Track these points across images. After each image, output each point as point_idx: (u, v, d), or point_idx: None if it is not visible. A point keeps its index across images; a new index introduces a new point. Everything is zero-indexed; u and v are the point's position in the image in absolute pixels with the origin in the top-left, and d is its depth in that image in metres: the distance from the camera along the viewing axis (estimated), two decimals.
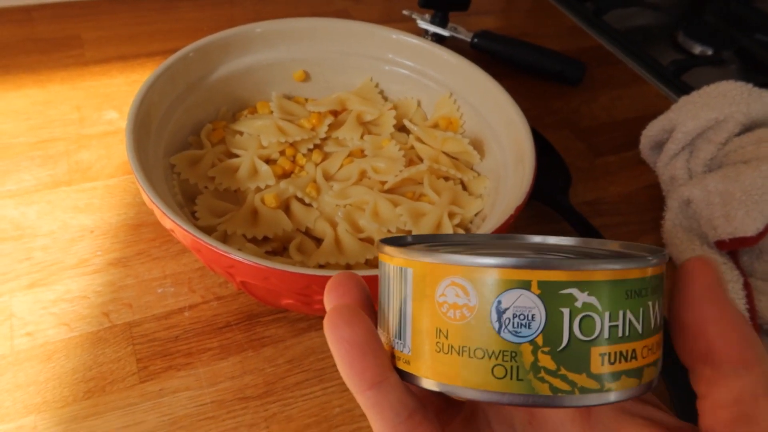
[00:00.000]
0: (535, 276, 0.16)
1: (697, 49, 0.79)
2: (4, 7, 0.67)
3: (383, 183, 0.43)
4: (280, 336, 0.42)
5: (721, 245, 0.48)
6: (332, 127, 0.47)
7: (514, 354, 0.16)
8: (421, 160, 0.45)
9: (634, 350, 0.17)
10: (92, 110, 0.55)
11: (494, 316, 0.16)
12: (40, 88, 0.57)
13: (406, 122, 0.47)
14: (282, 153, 0.44)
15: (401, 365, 0.19)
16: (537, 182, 0.44)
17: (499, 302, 0.16)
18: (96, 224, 0.46)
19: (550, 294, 0.16)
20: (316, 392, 0.39)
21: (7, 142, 0.51)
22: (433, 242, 0.23)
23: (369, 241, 0.40)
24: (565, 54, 0.69)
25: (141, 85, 0.40)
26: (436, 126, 0.48)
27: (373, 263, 0.39)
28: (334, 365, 0.40)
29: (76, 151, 0.52)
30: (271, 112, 0.47)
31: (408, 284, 0.18)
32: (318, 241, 0.41)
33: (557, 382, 0.16)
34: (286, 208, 0.42)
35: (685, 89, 0.69)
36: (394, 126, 0.48)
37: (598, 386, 0.17)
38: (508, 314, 0.16)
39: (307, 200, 0.42)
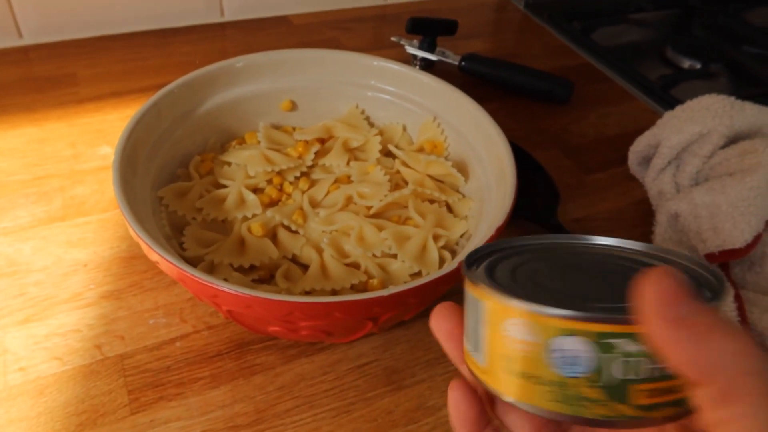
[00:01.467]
0: (589, 327, 0.19)
1: (686, 63, 0.80)
2: (4, 48, 0.69)
3: (369, 208, 0.43)
4: (271, 363, 0.42)
5: (711, 258, 0.48)
6: (319, 154, 0.48)
7: (562, 384, 0.19)
8: (407, 182, 0.46)
9: (674, 386, 0.19)
10: (86, 146, 0.57)
11: (547, 354, 0.20)
12: (36, 126, 0.58)
13: (391, 147, 0.48)
14: (269, 182, 0.45)
15: (476, 371, 0.22)
16: (525, 201, 0.45)
17: (553, 343, 0.19)
18: (89, 258, 0.47)
19: (602, 342, 0.19)
20: (307, 419, 0.39)
21: (3, 180, 0.52)
22: (509, 251, 0.26)
23: (355, 265, 0.41)
24: (554, 73, 0.70)
25: (134, 113, 0.41)
26: (421, 150, 0.49)
27: (359, 288, 0.39)
28: (324, 391, 0.40)
29: (70, 186, 0.53)
30: (259, 142, 0.48)
31: (482, 313, 0.21)
32: (305, 267, 0.41)
33: (601, 410, 0.19)
34: (273, 236, 0.42)
35: (673, 104, 0.69)
36: (381, 151, 0.48)
37: (640, 415, 0.19)
38: (559, 354, 0.19)
39: (293, 227, 0.42)
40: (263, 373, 0.41)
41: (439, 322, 0.25)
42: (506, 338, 0.20)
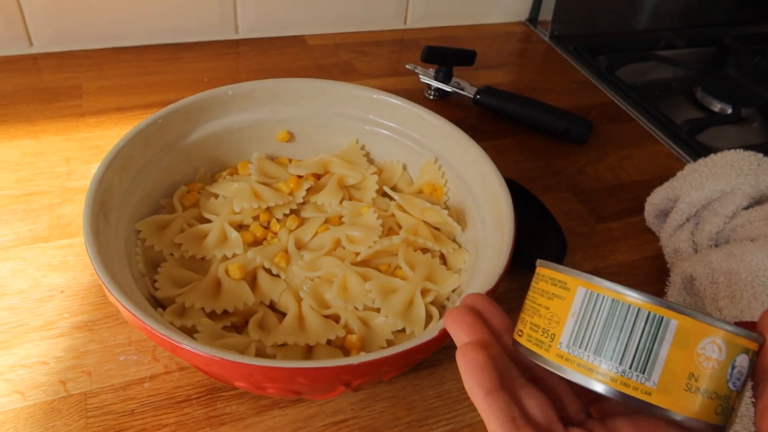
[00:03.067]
0: (754, 346, 0.23)
1: (717, 106, 0.76)
2: (14, 56, 0.68)
3: (357, 254, 0.41)
4: (241, 413, 0.39)
5: None
6: (312, 190, 0.46)
7: (727, 398, 0.22)
8: (401, 227, 0.43)
9: None
10: (81, 163, 0.55)
11: (729, 371, 0.22)
12: (34, 138, 0.57)
13: (387, 189, 0.45)
14: (256, 218, 0.43)
15: (631, 392, 0.22)
16: (528, 249, 0.42)
17: (735, 361, 0.22)
18: (67, 284, 0.45)
19: (751, 358, 0.23)
20: None
21: None
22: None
23: (335, 318, 0.38)
24: (573, 110, 0.67)
25: (111, 147, 0.40)
26: (420, 192, 0.46)
27: (336, 344, 0.37)
28: None
29: (59, 205, 0.51)
30: (251, 173, 0.46)
31: (667, 332, 0.22)
32: (282, 315, 0.39)
33: (731, 418, 0.23)
34: (252, 278, 0.40)
35: (699, 150, 0.66)
36: (377, 191, 0.46)
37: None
38: (736, 370, 0.22)
39: (274, 271, 0.40)
40: (232, 425, 0.39)
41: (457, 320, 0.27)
42: (698, 357, 0.22)
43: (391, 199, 0.46)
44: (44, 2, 0.65)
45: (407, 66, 0.70)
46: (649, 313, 0.22)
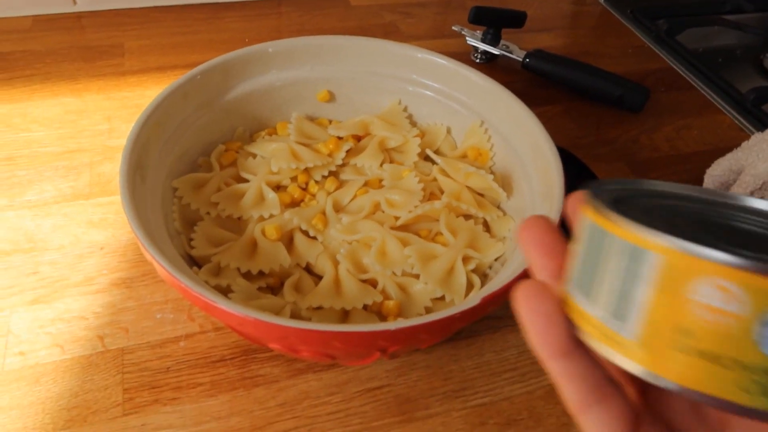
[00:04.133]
0: None
1: None
2: (58, 14, 0.68)
3: (396, 218, 0.39)
4: (275, 376, 0.39)
5: None
6: (352, 152, 0.44)
7: (763, 369, 0.15)
8: (443, 192, 0.41)
9: None
10: (122, 121, 0.55)
11: (760, 330, 0.15)
12: (76, 96, 0.57)
13: (430, 152, 0.43)
14: (293, 179, 0.42)
15: (611, 345, 0.17)
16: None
17: (766, 314, 0.15)
18: (107, 241, 0.45)
19: None
20: None
21: (35, 150, 0.52)
22: (641, 193, 0.20)
23: (372, 282, 0.37)
24: (629, 77, 0.63)
25: (149, 102, 0.39)
26: (464, 156, 0.44)
27: (373, 309, 0.36)
28: (328, 414, 0.37)
29: (99, 163, 0.51)
30: (290, 134, 0.44)
31: (647, 269, 0.16)
32: (318, 278, 0.38)
33: None
34: (289, 240, 0.39)
35: (765, 120, 0.62)
36: (419, 155, 0.44)
37: None
38: None
39: (311, 233, 0.39)
40: (266, 386, 0.38)
41: (533, 233, 0.20)
42: (690, 304, 0.15)
43: (434, 163, 0.44)
44: None
45: (453, 28, 0.67)
46: (622, 241, 0.17)
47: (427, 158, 0.45)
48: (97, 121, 0.55)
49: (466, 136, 0.45)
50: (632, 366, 0.16)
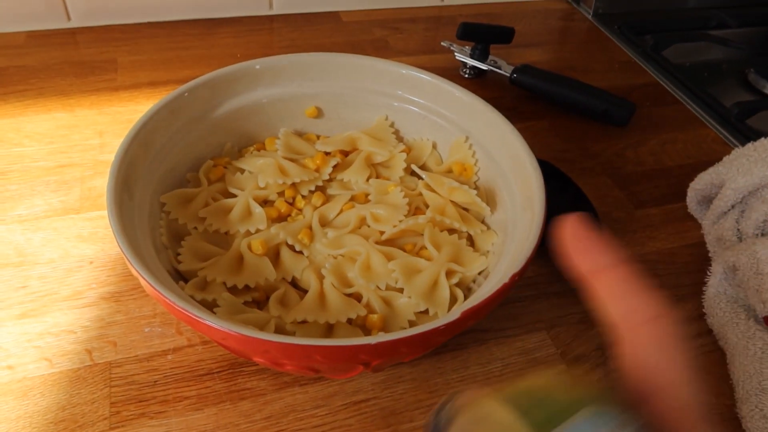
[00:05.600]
0: None
1: None
2: (52, 29, 0.69)
3: (381, 233, 0.40)
4: (262, 389, 0.39)
5: None
6: (339, 167, 0.45)
7: None
8: (428, 207, 0.42)
9: None
10: (114, 136, 0.56)
11: None
12: (68, 112, 0.58)
13: (415, 168, 0.44)
14: (281, 194, 0.42)
15: None
16: None
17: None
18: (96, 255, 0.46)
19: None
20: None
21: (27, 165, 0.52)
22: None
23: (357, 296, 0.37)
24: (615, 92, 0.64)
25: (138, 118, 0.39)
26: (450, 171, 0.45)
27: (357, 323, 0.36)
28: (314, 427, 0.37)
29: (90, 177, 0.52)
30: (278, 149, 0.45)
31: None
32: (304, 292, 0.38)
33: None
34: (275, 254, 0.39)
35: (749, 135, 0.63)
36: (405, 170, 0.45)
37: None
38: None
39: (297, 247, 0.39)
40: (252, 399, 0.39)
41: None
42: None
43: (420, 178, 0.44)
44: None
45: (443, 43, 0.68)
46: None
47: (413, 173, 0.46)
48: (89, 135, 0.56)
49: (451, 151, 0.46)
50: None
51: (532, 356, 0.42)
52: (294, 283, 0.39)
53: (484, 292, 0.32)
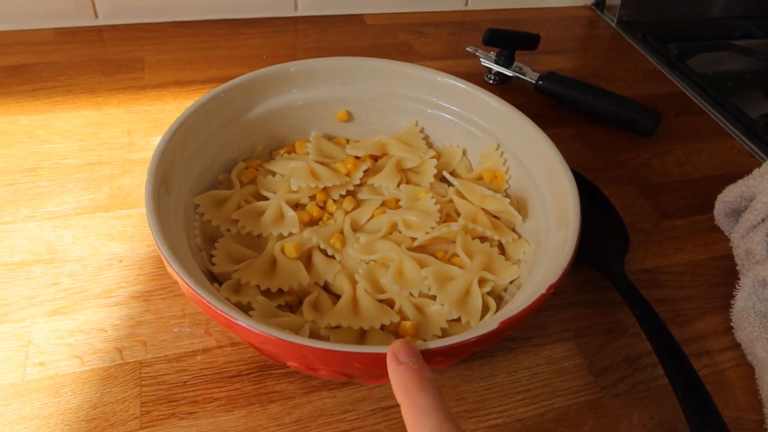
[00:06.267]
0: None
1: None
2: (80, 27, 0.69)
3: (413, 239, 0.40)
4: (291, 392, 0.39)
5: None
6: (369, 172, 0.45)
7: None
8: (459, 214, 0.42)
9: None
10: (141, 135, 0.56)
11: None
12: (97, 109, 0.58)
13: (446, 174, 0.44)
14: (312, 198, 0.43)
15: None
16: (589, 245, 0.40)
17: None
18: (125, 253, 0.46)
19: None
20: None
21: (57, 162, 0.52)
22: None
23: (389, 302, 0.37)
24: (640, 101, 0.64)
25: (175, 119, 0.40)
26: (480, 179, 0.45)
27: (390, 329, 0.36)
28: (342, 431, 0.37)
29: (119, 176, 0.52)
30: (308, 153, 0.45)
31: None
32: (336, 297, 0.38)
33: None
34: (307, 258, 0.39)
35: None
36: (435, 176, 0.45)
37: None
38: None
39: (330, 252, 0.39)
40: (281, 402, 0.39)
41: None
42: None
43: (450, 184, 0.45)
44: None
45: (468, 49, 0.68)
46: None
47: (442, 179, 0.46)
48: (117, 134, 0.56)
49: (482, 158, 0.46)
50: None
51: (559, 366, 0.42)
52: (326, 288, 0.39)
53: (520, 302, 0.32)
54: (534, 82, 0.65)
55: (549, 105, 0.66)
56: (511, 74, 0.66)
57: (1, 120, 0.56)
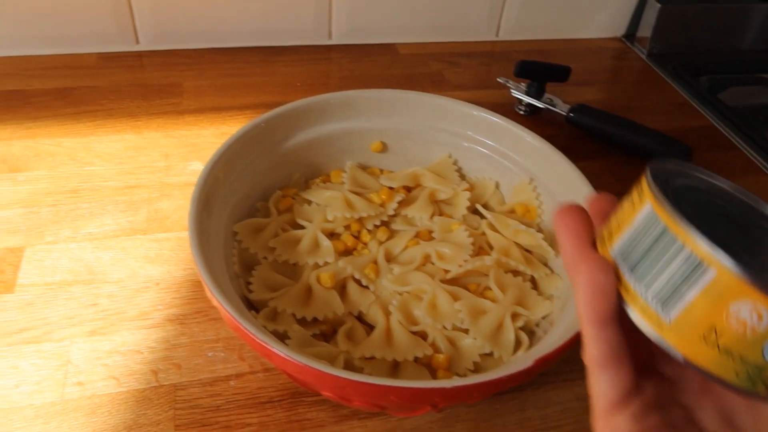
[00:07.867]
0: None
1: None
2: (121, 52, 0.72)
3: (446, 271, 0.40)
4: (321, 420, 0.40)
5: None
6: (403, 203, 0.46)
7: (759, 367, 0.20)
8: (492, 247, 0.42)
9: None
10: (179, 159, 0.57)
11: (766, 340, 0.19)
12: (136, 133, 0.60)
13: (479, 207, 0.44)
14: (347, 227, 0.43)
15: (647, 319, 0.21)
16: None
17: None
18: (162, 276, 0.47)
19: None
20: None
21: (97, 184, 0.54)
22: (696, 186, 0.24)
23: (422, 334, 0.38)
24: (671, 134, 0.64)
25: (219, 147, 0.41)
26: (512, 212, 0.45)
27: (423, 362, 0.36)
28: None
29: (157, 199, 0.53)
30: (343, 182, 0.46)
31: (702, 278, 0.20)
32: (370, 327, 0.39)
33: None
34: (342, 288, 0.40)
35: None
36: (468, 208, 0.45)
37: None
38: None
39: (364, 282, 0.40)
40: (312, 430, 0.39)
41: (567, 220, 0.25)
42: (727, 314, 0.20)
43: (482, 217, 0.45)
44: (153, 1, 0.68)
45: (499, 79, 0.69)
46: (691, 253, 0.20)
47: (475, 212, 0.46)
48: (156, 158, 0.57)
49: (514, 191, 0.46)
50: (665, 344, 0.21)
51: (590, 402, 0.42)
52: (359, 318, 0.39)
53: (555, 339, 0.32)
54: (564, 114, 0.65)
55: (579, 137, 0.66)
56: (541, 105, 0.67)
57: (46, 142, 0.58)
